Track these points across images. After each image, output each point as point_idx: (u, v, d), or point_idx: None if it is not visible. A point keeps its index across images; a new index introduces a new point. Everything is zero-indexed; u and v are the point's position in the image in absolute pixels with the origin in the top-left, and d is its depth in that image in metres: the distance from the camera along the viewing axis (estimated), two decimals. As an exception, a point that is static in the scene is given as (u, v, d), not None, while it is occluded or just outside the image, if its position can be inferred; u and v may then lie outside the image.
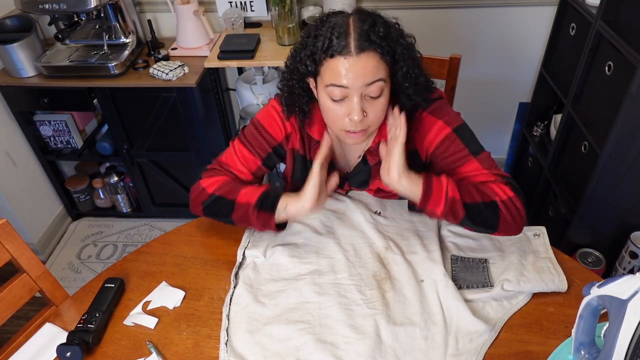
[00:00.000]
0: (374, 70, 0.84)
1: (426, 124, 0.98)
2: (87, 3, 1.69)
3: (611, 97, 1.45)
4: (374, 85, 0.85)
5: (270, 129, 1.05)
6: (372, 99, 0.88)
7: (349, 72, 0.83)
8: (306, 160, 1.08)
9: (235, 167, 1.07)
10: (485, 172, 0.95)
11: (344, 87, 0.85)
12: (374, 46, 0.83)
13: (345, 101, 0.87)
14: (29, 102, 1.97)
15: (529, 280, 0.92)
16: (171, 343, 0.89)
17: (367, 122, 0.90)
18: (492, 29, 2.06)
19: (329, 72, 0.86)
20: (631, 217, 1.61)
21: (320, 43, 0.85)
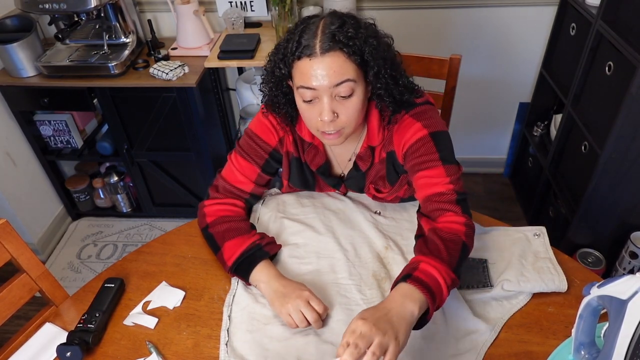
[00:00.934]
0: (340, 70, 0.83)
1: (406, 125, 0.96)
2: (87, 3, 1.69)
3: (611, 97, 1.45)
4: (343, 85, 0.85)
5: (264, 135, 1.05)
6: (343, 99, 0.87)
7: (315, 73, 0.84)
8: (301, 162, 1.08)
9: (235, 180, 1.07)
10: (447, 180, 0.92)
11: (312, 88, 0.85)
12: (339, 46, 0.83)
13: (317, 102, 0.88)
14: (29, 102, 1.97)
15: (529, 281, 0.92)
16: (171, 343, 0.89)
17: (340, 123, 0.89)
18: (492, 29, 2.06)
19: (298, 74, 0.87)
20: (631, 217, 1.61)
21: (289, 45, 0.86)
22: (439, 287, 0.80)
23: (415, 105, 0.97)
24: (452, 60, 1.39)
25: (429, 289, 0.78)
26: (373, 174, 1.06)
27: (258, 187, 1.09)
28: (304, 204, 1.15)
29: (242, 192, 1.08)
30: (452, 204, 0.91)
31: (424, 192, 0.95)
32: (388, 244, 1.02)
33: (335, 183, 1.11)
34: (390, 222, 1.09)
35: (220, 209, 1.05)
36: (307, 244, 1.05)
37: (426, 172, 0.94)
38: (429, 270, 0.81)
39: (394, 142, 0.99)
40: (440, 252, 0.85)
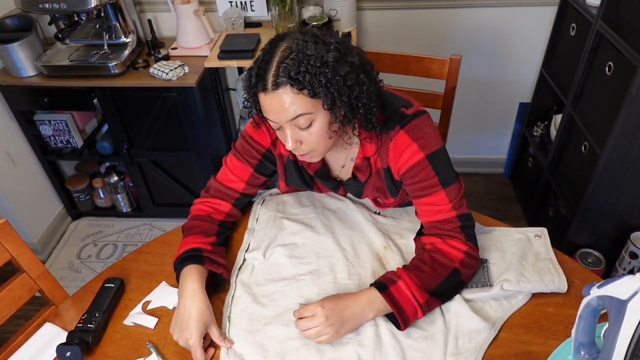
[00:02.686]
0: (292, 106, 0.82)
1: (401, 144, 0.93)
2: (87, 3, 1.69)
3: (611, 97, 1.45)
4: (298, 119, 0.83)
5: (257, 136, 1.04)
6: (303, 129, 0.86)
7: (270, 109, 0.84)
8: (298, 165, 1.07)
9: (227, 179, 1.07)
10: (449, 206, 0.92)
11: (273, 121, 0.86)
12: (289, 82, 0.80)
13: (282, 130, 0.88)
14: (29, 102, 1.97)
15: (529, 281, 0.92)
16: (171, 343, 0.89)
17: (305, 149, 0.89)
18: (492, 29, 2.06)
19: (260, 105, 0.86)
20: (631, 217, 1.62)
21: (249, 77, 0.85)
22: (411, 306, 0.86)
23: (407, 117, 0.93)
24: (452, 60, 1.40)
25: (398, 306, 0.86)
26: (371, 185, 1.05)
27: (251, 187, 1.09)
28: (303, 204, 1.15)
29: (233, 191, 1.08)
30: (457, 232, 0.93)
31: (427, 219, 0.96)
32: (387, 244, 1.02)
33: (334, 186, 1.10)
34: (389, 221, 1.09)
35: (200, 208, 1.06)
36: (307, 244, 1.05)
37: (428, 199, 0.94)
38: (402, 288, 0.87)
39: (389, 158, 0.97)
40: (422, 272, 0.89)
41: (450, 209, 0.92)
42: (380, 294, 0.87)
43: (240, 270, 1.02)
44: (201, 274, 0.93)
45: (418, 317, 0.87)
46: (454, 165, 0.96)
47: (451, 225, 0.93)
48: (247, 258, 1.04)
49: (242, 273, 1.01)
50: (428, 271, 0.89)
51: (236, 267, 1.03)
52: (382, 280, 0.90)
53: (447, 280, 0.89)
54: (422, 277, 0.89)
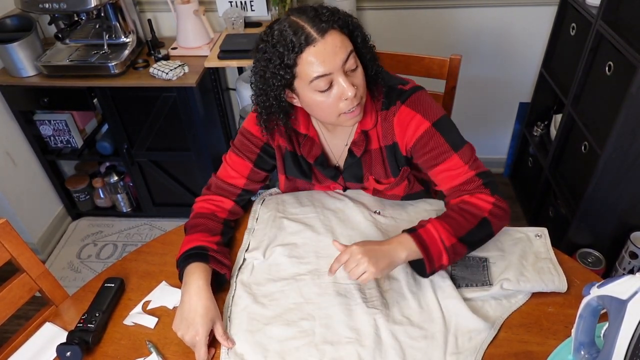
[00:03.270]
0: (343, 44, 0.85)
1: (405, 117, 0.97)
2: (87, 2, 1.69)
3: (611, 97, 1.45)
4: (350, 57, 0.86)
5: (254, 130, 1.05)
6: (353, 72, 0.89)
7: (325, 57, 0.84)
8: (297, 155, 1.08)
9: (227, 176, 1.08)
10: (465, 167, 0.95)
11: (326, 74, 0.85)
12: (330, 24, 0.84)
13: (333, 87, 0.87)
14: (29, 102, 1.97)
15: (529, 280, 0.92)
16: (171, 343, 0.89)
17: (358, 96, 0.90)
18: (492, 29, 2.06)
19: (306, 67, 0.85)
20: (631, 217, 1.61)
21: (282, 48, 0.84)
22: (437, 248, 0.88)
23: (406, 92, 0.98)
24: (452, 60, 1.39)
25: (425, 246, 0.88)
26: (369, 162, 1.06)
27: (252, 182, 1.09)
28: (303, 204, 1.15)
29: (234, 188, 1.08)
30: (481, 188, 0.95)
31: (447, 185, 0.98)
32: None
33: (333, 174, 1.10)
34: (389, 221, 1.09)
35: (203, 206, 1.07)
36: (307, 244, 1.05)
37: (443, 166, 0.96)
38: (431, 231, 0.89)
39: (395, 134, 0.99)
40: (452, 218, 0.91)
41: (467, 169, 0.95)
42: (409, 234, 0.89)
43: (240, 270, 1.02)
44: (206, 272, 0.93)
45: (443, 262, 0.89)
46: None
47: (474, 184, 0.95)
48: (247, 258, 1.04)
49: (242, 273, 1.01)
50: (457, 218, 0.91)
51: (236, 267, 1.03)
52: (413, 226, 0.93)
53: (477, 228, 0.91)
54: (451, 223, 0.91)
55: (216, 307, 0.90)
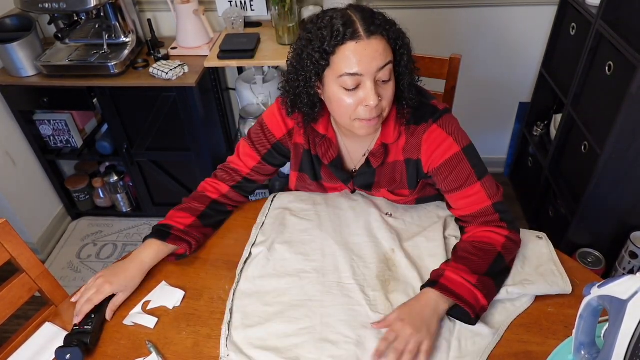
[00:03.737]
0: (384, 53, 0.85)
1: (436, 137, 0.96)
2: (87, 2, 1.69)
3: (611, 97, 1.45)
4: (386, 68, 0.86)
5: (271, 126, 1.07)
6: (383, 83, 0.88)
7: (362, 57, 0.83)
8: (311, 155, 1.08)
9: (234, 161, 1.13)
10: (485, 196, 0.96)
11: (357, 74, 0.84)
12: (380, 30, 0.85)
13: (359, 89, 0.87)
14: (28, 102, 1.96)
15: (533, 283, 0.92)
16: (171, 343, 0.89)
17: (380, 107, 0.89)
18: (492, 29, 2.06)
19: (341, 60, 0.85)
20: (631, 217, 1.61)
21: (327, 33, 0.84)
22: (466, 289, 0.86)
23: (440, 112, 0.98)
24: (452, 60, 1.39)
25: (453, 292, 0.86)
26: (384, 174, 1.06)
27: (256, 174, 1.12)
28: (315, 202, 1.15)
29: (236, 174, 1.12)
30: (498, 222, 0.95)
31: (466, 211, 0.98)
32: (396, 246, 1.02)
33: (345, 178, 1.10)
34: (400, 224, 1.08)
35: (202, 185, 1.14)
36: (314, 241, 1.05)
37: (465, 192, 0.96)
38: (451, 276, 0.88)
39: (422, 150, 0.98)
40: (467, 259, 0.90)
41: (486, 198, 0.95)
42: (432, 288, 0.87)
43: (245, 264, 1.02)
44: (158, 249, 1.01)
45: (480, 300, 0.86)
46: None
47: (492, 217, 0.95)
48: (252, 252, 1.04)
49: (247, 267, 1.01)
50: (472, 258, 0.91)
51: (242, 261, 1.03)
52: (430, 279, 0.91)
53: (494, 264, 0.90)
54: (468, 263, 0.90)
55: (136, 285, 0.98)
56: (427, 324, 0.83)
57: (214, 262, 1.05)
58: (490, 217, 0.95)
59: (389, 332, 0.83)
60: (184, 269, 1.04)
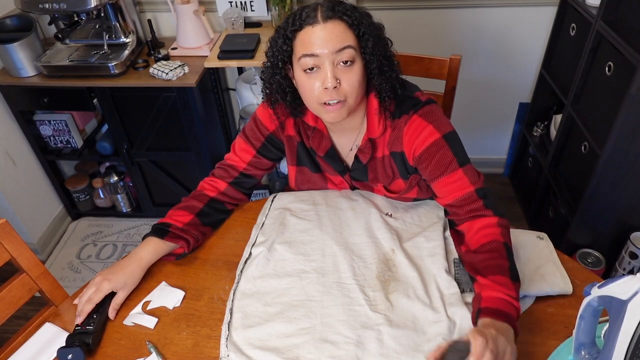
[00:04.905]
0: (341, 36, 0.88)
1: (417, 127, 0.97)
2: (87, 3, 1.69)
3: (611, 97, 1.45)
4: (344, 51, 0.88)
5: (264, 119, 1.09)
6: (344, 66, 0.89)
7: (318, 39, 0.87)
8: (305, 147, 1.10)
9: (230, 157, 1.14)
10: (467, 182, 0.95)
11: (314, 55, 0.88)
12: (338, 14, 0.88)
13: (318, 71, 0.90)
14: (29, 102, 1.96)
15: (534, 284, 0.92)
16: (171, 343, 0.89)
17: (342, 92, 0.91)
18: (492, 29, 2.06)
19: (300, 44, 0.90)
20: (631, 217, 1.61)
21: (290, 21, 0.91)
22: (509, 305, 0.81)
23: (421, 103, 0.98)
24: (452, 60, 1.39)
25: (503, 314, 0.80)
26: (376, 169, 1.06)
27: (253, 168, 1.13)
28: (316, 202, 1.15)
29: (233, 170, 1.13)
30: (483, 210, 0.94)
31: (450, 198, 0.97)
32: (396, 246, 1.02)
33: (341, 169, 1.11)
34: (400, 224, 1.08)
35: (201, 185, 1.14)
36: (314, 242, 1.05)
37: (447, 179, 0.96)
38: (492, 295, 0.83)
39: (403, 143, 1.00)
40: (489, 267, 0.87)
41: (469, 184, 0.95)
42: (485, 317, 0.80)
43: (245, 264, 1.02)
44: (157, 247, 1.01)
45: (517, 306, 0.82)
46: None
47: (475, 205, 0.94)
48: (252, 252, 1.05)
49: (247, 267, 1.01)
50: (490, 262, 0.87)
51: (242, 261, 1.03)
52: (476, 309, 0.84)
53: (509, 257, 0.88)
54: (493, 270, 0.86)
55: (136, 282, 0.98)
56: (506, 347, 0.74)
57: (214, 262, 1.05)
58: (474, 204, 0.94)
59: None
60: (184, 269, 1.04)
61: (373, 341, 0.85)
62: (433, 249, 1.01)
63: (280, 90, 0.98)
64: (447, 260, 0.98)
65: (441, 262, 0.97)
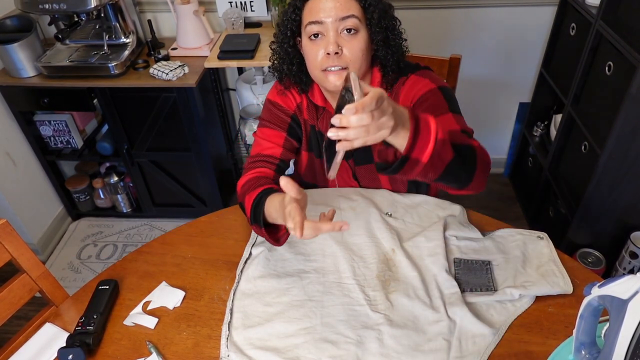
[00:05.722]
0: (346, 5, 0.92)
1: (413, 83, 1.02)
2: (87, 3, 1.69)
3: (611, 97, 1.45)
4: (348, 20, 0.92)
5: (281, 101, 1.10)
6: (348, 35, 0.93)
7: (324, 6, 0.92)
8: (315, 130, 1.11)
9: (262, 149, 1.10)
10: (455, 124, 0.95)
11: (319, 22, 0.92)
12: None
13: (322, 38, 0.94)
14: (29, 102, 1.97)
15: (534, 284, 0.92)
16: (171, 343, 0.89)
17: (344, 59, 0.94)
18: (492, 29, 2.06)
19: (307, 12, 0.95)
20: (631, 217, 1.61)
21: None
22: (428, 131, 0.73)
23: (419, 67, 1.04)
24: (452, 60, 1.39)
25: (418, 124, 0.73)
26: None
27: (287, 151, 1.11)
28: (315, 202, 1.15)
29: (272, 159, 1.09)
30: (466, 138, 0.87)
31: None
32: (396, 246, 1.02)
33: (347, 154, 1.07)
34: (400, 224, 1.08)
35: (244, 180, 1.04)
36: (314, 241, 1.05)
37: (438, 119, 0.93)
38: (429, 119, 0.75)
39: (400, 100, 1.03)
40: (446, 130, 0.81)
41: (456, 124, 0.95)
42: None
43: (246, 264, 1.02)
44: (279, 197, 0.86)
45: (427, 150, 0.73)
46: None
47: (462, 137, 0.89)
48: (253, 252, 1.04)
49: (247, 267, 1.01)
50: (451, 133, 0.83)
51: (242, 261, 1.03)
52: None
53: (466, 146, 0.82)
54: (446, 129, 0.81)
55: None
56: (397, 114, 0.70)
57: (214, 262, 1.05)
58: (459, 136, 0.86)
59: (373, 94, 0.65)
60: (184, 269, 1.04)
61: (373, 341, 0.85)
62: (433, 248, 1.01)
63: (287, 60, 1.01)
64: (447, 260, 0.98)
65: (441, 262, 0.97)
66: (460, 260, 1.00)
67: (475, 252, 1.01)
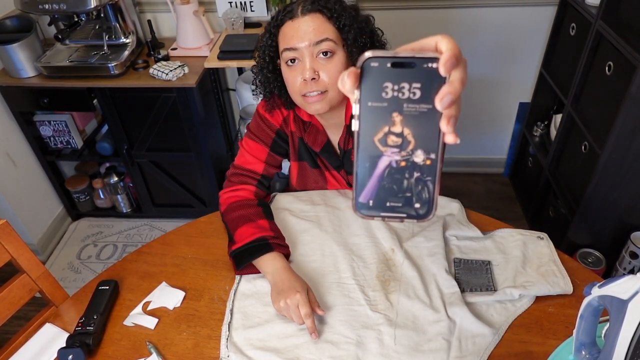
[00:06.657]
0: (319, 29, 0.90)
1: None
2: (87, 3, 1.69)
3: (611, 97, 1.45)
4: (323, 44, 0.90)
5: (269, 116, 1.09)
6: (324, 58, 0.91)
7: (297, 32, 0.90)
8: (303, 142, 1.11)
9: (246, 162, 1.11)
10: None
11: (294, 48, 0.91)
12: (317, 7, 0.90)
13: (299, 64, 0.93)
14: (29, 102, 1.97)
15: (534, 284, 0.92)
16: (171, 343, 0.89)
17: (321, 84, 0.93)
18: (492, 28, 2.06)
19: (282, 38, 0.93)
20: (631, 217, 1.61)
21: (275, 17, 0.95)
22: None
23: None
24: (452, 60, 1.39)
25: None
26: None
27: (269, 167, 1.12)
28: (315, 202, 1.15)
29: (254, 174, 1.11)
30: None
31: None
32: (395, 246, 1.02)
33: (337, 164, 1.12)
34: (399, 224, 1.08)
35: (231, 196, 1.09)
36: (313, 242, 1.05)
37: None
38: None
39: None
40: None
41: None
42: None
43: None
44: (278, 257, 0.96)
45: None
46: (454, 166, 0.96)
47: None
48: None
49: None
50: None
51: None
52: None
53: None
54: None
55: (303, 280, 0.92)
56: None
57: (214, 262, 1.05)
58: None
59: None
60: (184, 270, 1.04)
61: (373, 341, 0.85)
62: (433, 248, 1.01)
63: (268, 85, 1.01)
64: (447, 259, 0.98)
65: (441, 262, 0.97)
66: (460, 260, 1.00)
67: (475, 252, 1.01)
